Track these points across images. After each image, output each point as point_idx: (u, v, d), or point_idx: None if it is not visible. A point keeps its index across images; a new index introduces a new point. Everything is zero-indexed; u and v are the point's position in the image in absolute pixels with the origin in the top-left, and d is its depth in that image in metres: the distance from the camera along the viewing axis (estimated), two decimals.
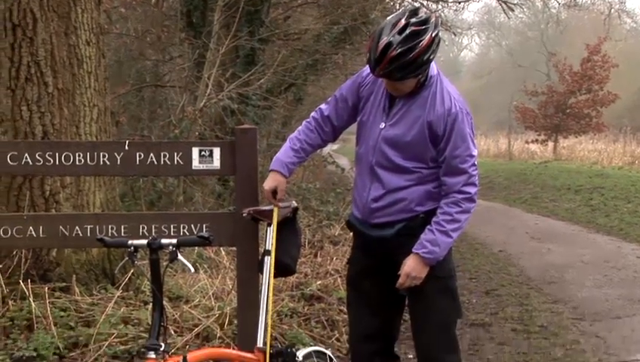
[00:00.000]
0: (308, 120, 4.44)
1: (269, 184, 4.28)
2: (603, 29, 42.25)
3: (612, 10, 48.25)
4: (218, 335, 5.88)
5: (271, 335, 4.26)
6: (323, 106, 4.44)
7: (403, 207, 4.14)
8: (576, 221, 16.19)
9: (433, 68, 4.11)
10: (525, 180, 25.21)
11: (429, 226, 4.08)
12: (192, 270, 3.65)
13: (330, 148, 24.77)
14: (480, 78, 70.99)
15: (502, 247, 12.76)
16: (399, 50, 3.84)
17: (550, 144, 36.58)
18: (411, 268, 4.07)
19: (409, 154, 4.09)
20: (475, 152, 4.09)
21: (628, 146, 32.05)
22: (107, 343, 5.50)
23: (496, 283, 9.82)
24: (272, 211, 4.28)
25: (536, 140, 36.85)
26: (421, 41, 3.87)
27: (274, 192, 4.27)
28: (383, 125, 4.15)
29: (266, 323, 4.07)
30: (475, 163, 4.10)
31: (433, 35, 3.92)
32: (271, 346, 4.07)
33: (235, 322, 5.51)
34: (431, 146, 4.06)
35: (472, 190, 4.08)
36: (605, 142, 35.15)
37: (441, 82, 4.12)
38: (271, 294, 4.14)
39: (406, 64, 3.87)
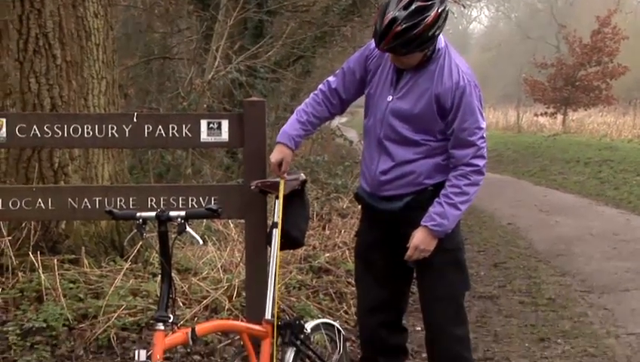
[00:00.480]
0: (315, 92, 4.43)
1: (275, 156, 4.28)
2: (613, 0, 41.90)
3: None
4: (226, 307, 5.89)
5: (279, 308, 4.27)
6: (331, 79, 4.42)
7: (412, 180, 4.14)
8: (585, 194, 16.14)
9: (441, 40, 4.09)
10: (534, 153, 25.14)
11: (437, 199, 4.08)
12: (201, 242, 3.66)
13: (338, 121, 24.69)
14: (489, 50, 70.47)
15: (510, 220, 12.75)
16: (404, 26, 3.82)
17: (559, 117, 36.41)
18: (420, 241, 4.08)
19: (417, 127, 4.08)
20: (483, 125, 4.08)
21: (638, 119, 31.93)
22: (116, 315, 5.52)
23: (504, 256, 9.84)
24: (278, 183, 4.27)
25: (546, 113, 36.66)
26: (427, 16, 3.85)
27: (280, 165, 4.27)
28: (390, 98, 4.13)
29: (274, 296, 4.08)
30: (484, 135, 4.09)
31: (439, 10, 3.89)
32: (279, 318, 4.09)
33: (244, 294, 5.52)
34: (439, 119, 4.05)
35: (481, 162, 4.08)
36: (615, 114, 35.00)
37: (449, 55, 4.10)
38: (279, 266, 4.14)
39: (410, 40, 3.85)
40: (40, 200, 4.82)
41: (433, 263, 4.15)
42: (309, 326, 4.30)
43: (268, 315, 4.05)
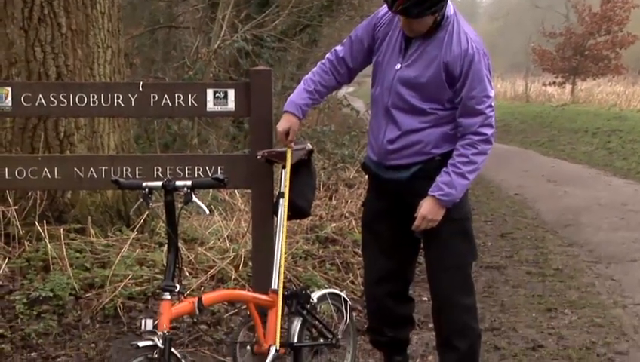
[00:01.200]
0: (322, 61, 4.39)
1: (282, 125, 4.25)
2: None
3: None
4: (233, 277, 5.90)
5: (285, 278, 4.26)
6: (338, 48, 4.38)
7: (419, 150, 4.11)
8: (593, 164, 16.09)
9: (450, 8, 4.05)
10: (542, 123, 25.05)
11: (445, 168, 4.05)
12: (207, 212, 3.64)
13: (345, 90, 24.66)
14: (497, 19, 70.10)
15: (517, 190, 12.73)
16: None
17: (568, 87, 36.27)
18: (427, 211, 4.06)
19: (425, 95, 4.05)
20: (491, 93, 4.05)
21: None
22: (122, 284, 5.53)
23: (511, 226, 9.82)
24: (285, 153, 4.25)
25: (554, 83, 36.53)
26: None
27: (287, 133, 4.24)
28: (398, 66, 4.10)
29: (280, 266, 4.08)
30: (492, 104, 4.05)
31: None
32: (285, 288, 4.08)
33: (250, 264, 5.53)
34: (447, 87, 4.02)
35: (489, 131, 4.04)
36: (624, 84, 34.79)
37: (457, 23, 4.06)
38: (285, 236, 4.13)
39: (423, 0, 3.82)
40: (46, 169, 4.80)
41: (441, 233, 4.13)
42: (315, 296, 4.30)
43: (274, 285, 4.04)
